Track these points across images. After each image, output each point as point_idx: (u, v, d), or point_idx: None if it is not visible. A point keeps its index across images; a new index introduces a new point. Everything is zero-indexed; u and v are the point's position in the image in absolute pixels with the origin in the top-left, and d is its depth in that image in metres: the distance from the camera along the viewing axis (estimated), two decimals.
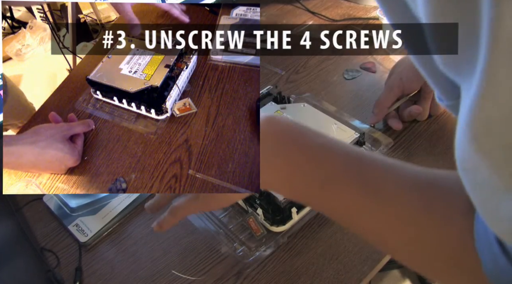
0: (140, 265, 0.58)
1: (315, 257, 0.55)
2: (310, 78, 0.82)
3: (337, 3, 1.02)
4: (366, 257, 0.54)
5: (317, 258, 0.55)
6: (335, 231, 0.58)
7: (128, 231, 0.62)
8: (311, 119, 0.64)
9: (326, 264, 0.55)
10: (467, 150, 0.24)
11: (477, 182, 0.25)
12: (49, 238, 0.63)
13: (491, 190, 0.24)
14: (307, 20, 0.97)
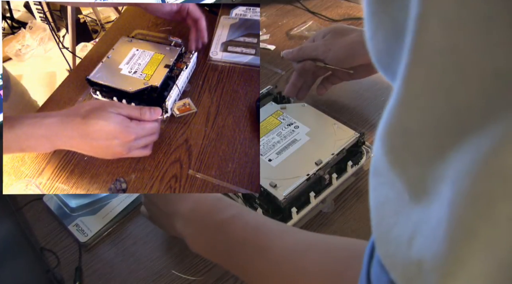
0: (140, 265, 0.58)
1: None
2: None
3: (337, 3, 1.02)
4: None
5: None
6: (335, 231, 0.58)
7: (128, 231, 0.62)
8: (311, 119, 0.64)
9: None
10: (381, 158, 0.22)
11: (384, 195, 0.23)
12: (49, 238, 0.63)
13: (395, 204, 0.22)
14: (307, 20, 0.97)
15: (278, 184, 0.55)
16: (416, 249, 0.20)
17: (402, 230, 0.21)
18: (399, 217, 0.21)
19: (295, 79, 0.72)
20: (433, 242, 0.19)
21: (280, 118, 0.65)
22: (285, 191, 0.54)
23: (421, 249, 0.19)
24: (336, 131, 0.62)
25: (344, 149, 0.59)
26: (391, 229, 0.22)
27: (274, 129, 0.63)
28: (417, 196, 0.20)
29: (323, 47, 0.67)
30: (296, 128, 0.63)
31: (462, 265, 0.18)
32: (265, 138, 0.62)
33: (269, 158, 0.59)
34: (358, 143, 0.61)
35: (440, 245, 0.18)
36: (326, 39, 0.69)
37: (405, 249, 0.20)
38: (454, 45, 0.17)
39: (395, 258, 0.21)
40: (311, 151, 0.59)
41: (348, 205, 0.60)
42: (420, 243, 0.19)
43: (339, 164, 0.60)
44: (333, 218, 0.59)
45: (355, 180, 0.62)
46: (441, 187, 0.19)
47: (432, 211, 0.19)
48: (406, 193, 0.20)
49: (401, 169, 0.21)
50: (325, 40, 0.69)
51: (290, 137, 0.61)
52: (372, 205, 0.24)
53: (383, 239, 0.23)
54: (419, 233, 0.20)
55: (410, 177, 0.20)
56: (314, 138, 0.61)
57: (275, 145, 0.61)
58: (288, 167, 0.57)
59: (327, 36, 0.69)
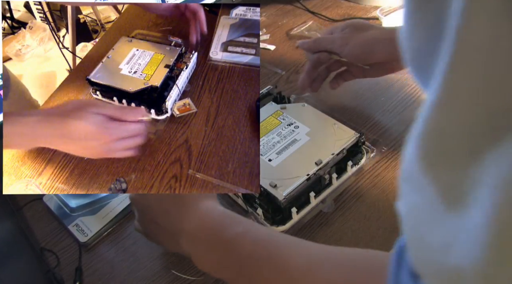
0: (140, 265, 0.58)
1: None
2: None
3: (337, 3, 1.02)
4: None
5: None
6: (335, 231, 0.58)
7: (128, 231, 0.62)
8: (311, 119, 0.64)
9: None
10: (414, 163, 0.21)
11: (416, 201, 0.22)
12: (49, 238, 0.63)
13: (429, 212, 0.21)
14: (307, 20, 0.97)
15: (278, 184, 0.55)
16: (454, 256, 0.19)
17: (437, 238, 0.20)
18: (433, 224, 0.21)
19: (309, 70, 0.70)
20: (473, 248, 0.18)
21: (280, 118, 0.65)
22: (285, 191, 0.54)
23: (460, 256, 0.19)
24: (336, 131, 0.62)
25: (344, 149, 0.59)
26: (424, 236, 0.21)
27: (274, 129, 0.63)
28: (452, 203, 0.20)
29: (340, 40, 0.65)
30: (296, 128, 0.63)
31: (504, 270, 0.17)
32: (265, 138, 0.62)
33: (269, 158, 0.59)
34: (358, 143, 0.61)
35: (481, 250, 0.18)
36: (345, 33, 0.66)
37: (442, 257, 0.20)
38: (498, 41, 0.16)
39: (431, 266, 0.21)
40: (311, 151, 0.59)
41: (348, 205, 0.60)
42: (458, 250, 0.19)
43: (339, 164, 0.60)
44: (333, 218, 0.59)
45: (355, 180, 0.62)
46: (479, 192, 0.18)
47: (470, 217, 0.18)
48: (440, 200, 0.20)
49: (435, 174, 0.20)
50: (343, 33, 0.67)
51: (290, 137, 0.61)
52: (403, 211, 0.23)
53: (416, 246, 0.22)
54: (456, 240, 0.19)
55: (444, 183, 0.20)
56: (314, 138, 0.61)
57: (275, 145, 0.61)
58: (288, 167, 0.57)
59: (345, 30, 0.67)
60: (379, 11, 0.88)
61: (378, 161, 0.64)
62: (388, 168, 0.64)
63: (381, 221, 0.57)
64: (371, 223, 0.57)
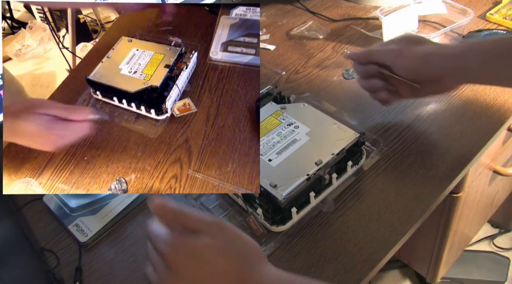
0: (140, 265, 0.58)
1: (315, 257, 0.55)
2: (310, 78, 0.82)
3: (337, 3, 1.02)
4: (366, 257, 0.54)
5: (317, 258, 0.55)
6: (335, 231, 0.58)
7: (128, 231, 0.62)
8: (311, 119, 0.64)
9: (326, 264, 0.55)
10: None
11: None
12: (49, 238, 0.63)
13: None
14: (307, 20, 0.97)
15: (278, 184, 0.55)
16: None
17: None
18: None
19: (365, 85, 0.66)
20: None
21: (280, 118, 0.65)
22: (285, 191, 0.54)
23: None
24: (336, 131, 0.62)
25: (344, 149, 0.59)
26: None
27: (274, 129, 0.63)
28: None
29: (394, 52, 0.61)
30: (296, 128, 0.63)
31: None
32: (265, 138, 0.62)
33: (269, 158, 0.59)
34: (358, 143, 0.61)
35: None
36: (401, 45, 0.62)
37: None
38: None
39: None
40: (311, 151, 0.59)
41: (348, 205, 0.60)
42: None
43: (339, 164, 0.60)
44: (333, 218, 0.59)
45: (355, 180, 0.62)
46: None
47: None
48: None
49: None
50: (398, 45, 0.62)
51: (290, 137, 0.61)
52: None
53: None
54: None
55: None
56: (314, 138, 0.61)
57: (275, 145, 0.61)
58: (288, 167, 0.57)
59: (401, 43, 0.62)
60: (379, 11, 0.88)
61: (378, 161, 0.64)
62: (388, 168, 0.64)
63: (381, 221, 0.57)
64: (371, 223, 0.57)
